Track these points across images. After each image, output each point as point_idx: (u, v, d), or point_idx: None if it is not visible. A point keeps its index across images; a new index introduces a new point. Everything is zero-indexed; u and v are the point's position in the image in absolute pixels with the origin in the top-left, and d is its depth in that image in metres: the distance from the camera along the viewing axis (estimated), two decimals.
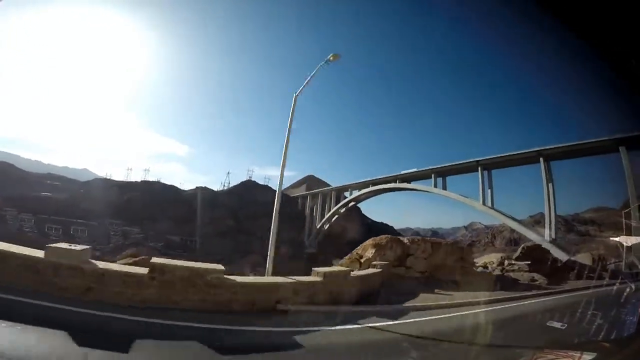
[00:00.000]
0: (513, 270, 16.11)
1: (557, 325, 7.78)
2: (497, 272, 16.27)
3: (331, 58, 11.75)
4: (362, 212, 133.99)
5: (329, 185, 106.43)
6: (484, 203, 57.57)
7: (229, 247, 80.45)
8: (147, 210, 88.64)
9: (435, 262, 13.88)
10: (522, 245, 18.37)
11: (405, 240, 14.39)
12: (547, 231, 51.40)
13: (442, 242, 15.15)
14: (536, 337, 7.04)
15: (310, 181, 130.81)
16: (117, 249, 63.69)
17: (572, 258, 19.72)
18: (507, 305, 10.88)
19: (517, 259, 17.30)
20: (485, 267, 16.95)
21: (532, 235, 53.51)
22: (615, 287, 13.30)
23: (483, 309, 9.66)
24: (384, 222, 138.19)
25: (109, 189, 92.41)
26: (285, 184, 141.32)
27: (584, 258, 19.81)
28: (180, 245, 79.54)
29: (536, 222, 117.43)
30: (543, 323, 8.03)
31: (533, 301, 11.76)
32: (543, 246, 54.36)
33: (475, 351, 6.13)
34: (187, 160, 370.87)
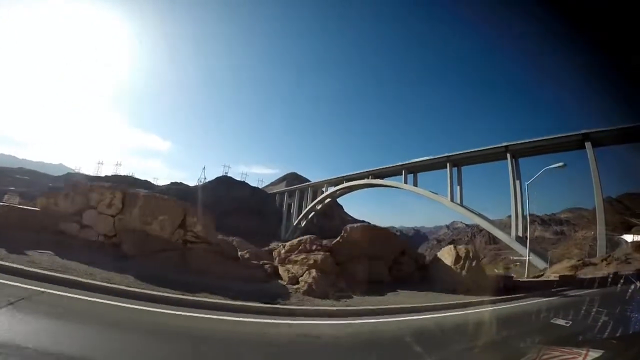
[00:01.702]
0: (295, 262, 10.16)
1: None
2: (276, 262, 10.90)
3: None
4: (345, 210, 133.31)
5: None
6: (452, 199, 56.13)
7: None
8: None
9: (131, 225, 9.28)
10: (347, 226, 12.17)
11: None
12: (513, 229, 49.91)
13: (139, 194, 9.96)
14: None
15: (292, 178, 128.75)
16: None
17: (438, 254, 13.68)
18: None
19: (335, 245, 11.20)
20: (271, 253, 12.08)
21: (498, 233, 52.27)
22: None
23: None
24: (366, 220, 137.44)
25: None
26: (267, 182, 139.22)
27: (445, 255, 12.87)
28: None
29: None
30: None
31: None
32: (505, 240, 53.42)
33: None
34: (168, 156, 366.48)
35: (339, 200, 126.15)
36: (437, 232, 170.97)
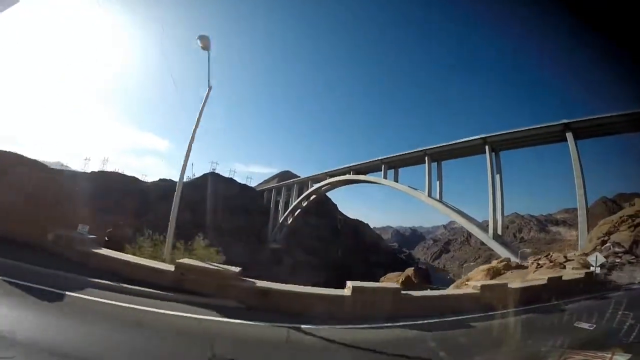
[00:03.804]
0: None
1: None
2: None
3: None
4: (340, 209, 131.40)
5: None
6: (430, 195, 53.64)
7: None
8: (100, 202, 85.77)
9: None
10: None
11: None
12: (490, 227, 47.16)
13: None
14: None
15: (284, 176, 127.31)
16: None
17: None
18: None
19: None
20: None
21: (475, 231, 49.53)
22: None
23: None
24: (360, 220, 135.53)
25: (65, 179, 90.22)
26: (259, 180, 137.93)
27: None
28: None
29: (511, 222, 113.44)
30: None
31: None
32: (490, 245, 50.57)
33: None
34: (166, 154, 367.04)
35: (335, 199, 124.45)
36: (435, 232, 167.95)
